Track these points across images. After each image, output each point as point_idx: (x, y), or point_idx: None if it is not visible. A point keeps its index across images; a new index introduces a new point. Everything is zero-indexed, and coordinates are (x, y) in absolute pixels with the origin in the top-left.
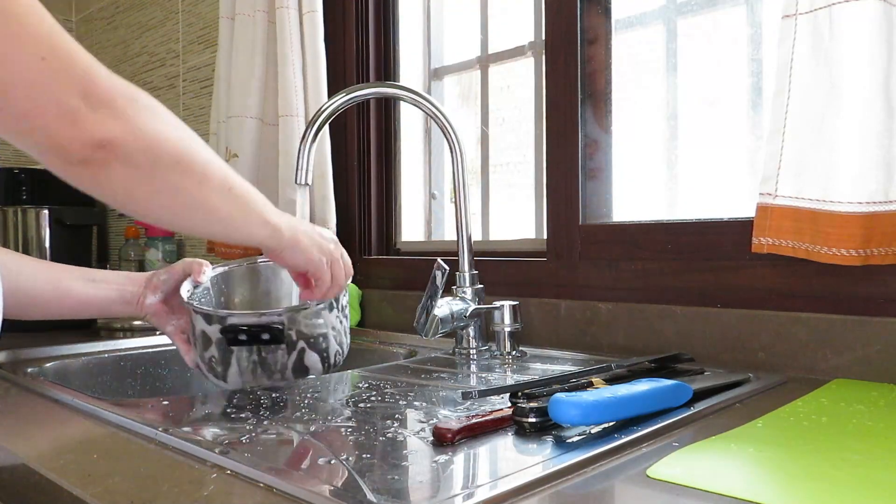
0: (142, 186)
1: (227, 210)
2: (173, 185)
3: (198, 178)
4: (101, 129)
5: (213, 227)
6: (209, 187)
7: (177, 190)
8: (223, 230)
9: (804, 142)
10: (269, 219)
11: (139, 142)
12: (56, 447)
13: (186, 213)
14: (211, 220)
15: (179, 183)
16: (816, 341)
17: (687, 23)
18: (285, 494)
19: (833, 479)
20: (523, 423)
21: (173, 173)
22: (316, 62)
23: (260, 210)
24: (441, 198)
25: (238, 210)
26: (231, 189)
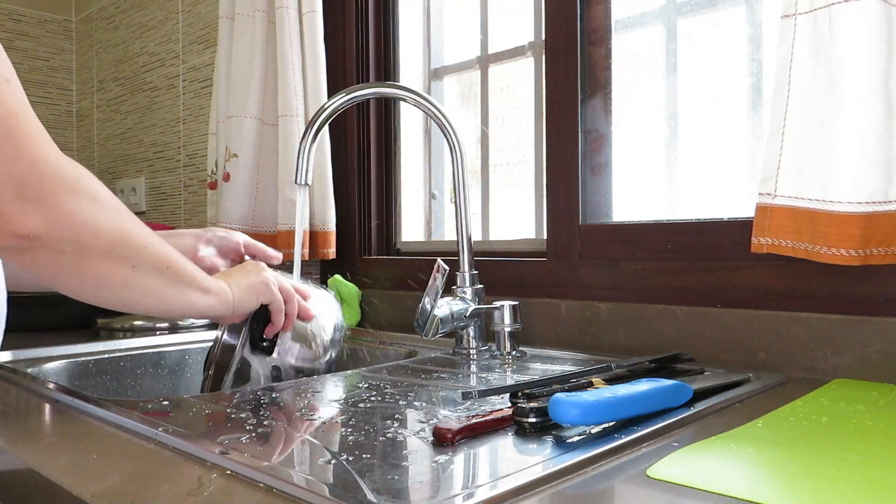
0: (68, 271)
1: (164, 289)
2: (101, 271)
3: (131, 262)
4: (27, 223)
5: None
6: (144, 270)
7: (108, 274)
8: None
9: (804, 142)
10: (208, 286)
11: (66, 233)
12: (56, 447)
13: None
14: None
15: (111, 269)
16: (816, 341)
17: (687, 23)
18: (285, 494)
19: (833, 478)
20: (523, 423)
21: (104, 261)
22: (316, 62)
23: (199, 282)
24: (441, 198)
25: (173, 287)
26: (168, 268)
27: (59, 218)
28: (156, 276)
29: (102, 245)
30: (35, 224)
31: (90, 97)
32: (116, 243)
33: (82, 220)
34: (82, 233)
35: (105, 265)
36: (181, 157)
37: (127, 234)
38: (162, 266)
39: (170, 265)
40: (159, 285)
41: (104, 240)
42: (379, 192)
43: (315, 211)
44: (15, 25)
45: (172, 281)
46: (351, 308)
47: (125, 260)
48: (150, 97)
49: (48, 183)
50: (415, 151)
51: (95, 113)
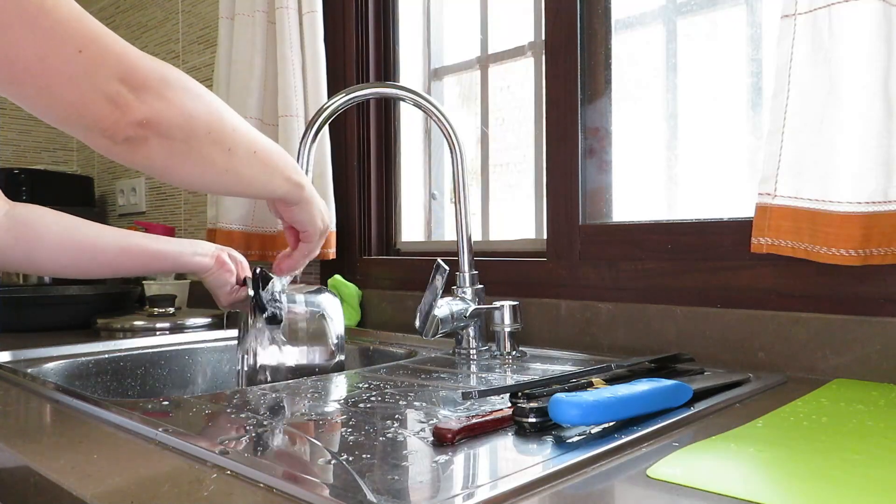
0: (178, 158)
1: (252, 173)
2: (206, 155)
3: (227, 145)
4: (142, 109)
5: (241, 188)
6: (237, 154)
7: (208, 159)
8: (250, 189)
9: (803, 142)
10: (291, 176)
11: (175, 118)
12: (56, 447)
13: (218, 179)
14: (240, 182)
15: (211, 152)
16: (816, 341)
17: (687, 23)
18: (285, 494)
19: (833, 479)
20: (523, 423)
21: (205, 144)
22: (316, 62)
23: (282, 169)
24: (441, 198)
25: (262, 171)
26: (255, 153)
27: (170, 102)
28: (248, 160)
29: (202, 128)
30: (147, 110)
31: None
32: (212, 126)
33: (183, 104)
34: (185, 117)
35: (207, 149)
36: None
37: (218, 117)
38: (250, 150)
39: (257, 150)
40: (251, 170)
41: (203, 123)
42: (379, 192)
43: None
44: None
45: (261, 165)
46: (351, 308)
47: (222, 143)
48: None
49: (144, 74)
50: (415, 151)
51: None
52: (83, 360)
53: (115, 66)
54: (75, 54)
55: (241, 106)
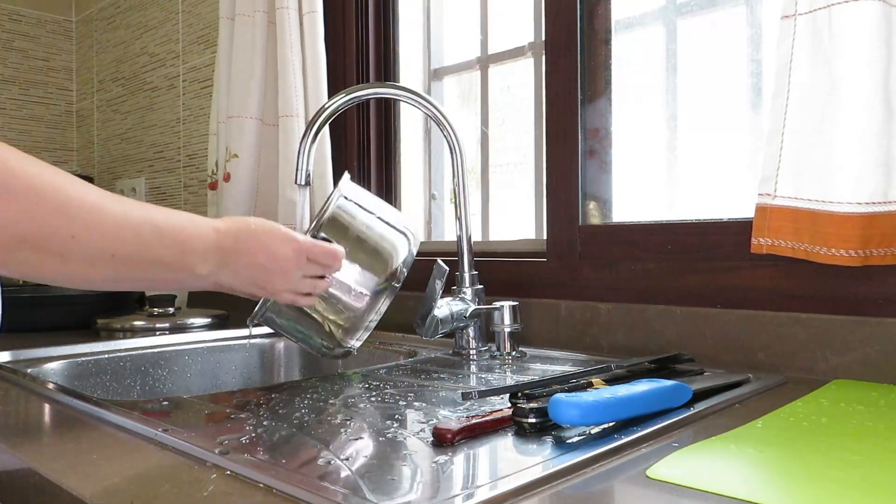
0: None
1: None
2: (29, 263)
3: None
4: None
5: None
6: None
7: (36, 267)
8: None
9: (803, 142)
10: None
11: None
12: (56, 448)
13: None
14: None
15: (37, 261)
16: (816, 342)
17: (687, 23)
18: (285, 495)
19: (833, 479)
20: (523, 423)
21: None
22: (316, 63)
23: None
24: (441, 198)
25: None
26: (114, 256)
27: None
28: (102, 266)
29: (10, 237)
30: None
31: (90, 97)
32: (27, 233)
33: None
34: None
35: (26, 255)
36: (181, 158)
37: (39, 223)
38: (104, 256)
39: (115, 252)
40: (116, 272)
41: (11, 232)
42: (379, 192)
43: (315, 211)
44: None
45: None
46: None
47: (46, 251)
48: (151, 97)
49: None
50: (415, 151)
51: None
52: (83, 360)
53: None
54: None
55: (241, 106)
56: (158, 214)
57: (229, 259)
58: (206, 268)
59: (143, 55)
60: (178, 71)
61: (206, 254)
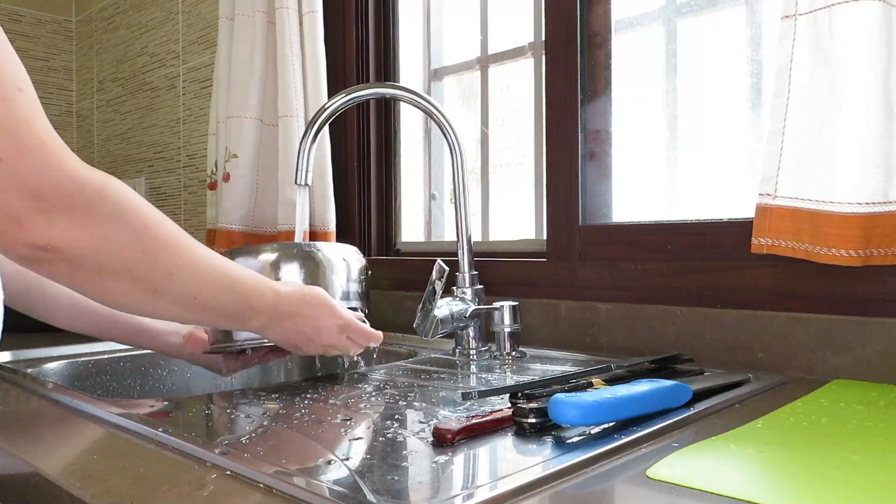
0: (87, 285)
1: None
2: (120, 289)
3: (153, 286)
4: (46, 234)
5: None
6: (165, 297)
7: (126, 294)
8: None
9: (804, 142)
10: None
11: (87, 250)
12: (56, 447)
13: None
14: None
15: (129, 289)
16: (816, 342)
17: (687, 23)
18: (285, 495)
19: (833, 479)
20: (523, 423)
21: (123, 281)
22: (316, 63)
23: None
24: (441, 198)
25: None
26: (196, 299)
27: (76, 233)
28: (183, 306)
29: (120, 264)
30: (51, 236)
31: (90, 97)
32: (135, 263)
33: (100, 237)
34: (100, 252)
35: (124, 285)
36: (181, 158)
37: (150, 257)
38: (188, 297)
39: (197, 296)
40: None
41: (123, 259)
42: (379, 193)
43: (315, 211)
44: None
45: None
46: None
47: (147, 282)
48: (150, 97)
49: (64, 195)
50: (415, 151)
51: (95, 113)
52: (83, 360)
53: (34, 180)
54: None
55: (241, 106)
56: (235, 268)
57: (281, 321)
58: (257, 324)
59: (143, 55)
60: (178, 71)
61: (264, 312)
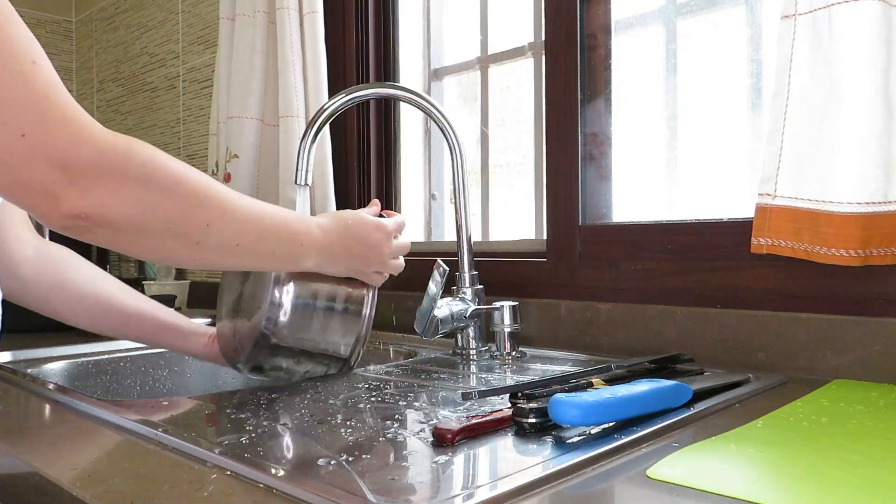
0: (131, 247)
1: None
2: (163, 247)
3: (195, 239)
4: (79, 203)
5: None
6: (208, 248)
7: (170, 250)
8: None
9: (803, 142)
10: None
11: (122, 214)
12: (56, 448)
13: (189, 264)
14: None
15: (171, 245)
16: (816, 342)
17: (687, 23)
18: (285, 495)
19: (833, 479)
20: (523, 423)
21: (162, 238)
22: (316, 63)
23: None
24: (441, 198)
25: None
26: (239, 246)
27: (108, 200)
28: (228, 254)
29: (157, 224)
30: (84, 205)
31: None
32: (173, 222)
33: (134, 199)
34: (134, 215)
35: (166, 242)
36: (181, 158)
37: (184, 212)
38: (231, 245)
39: (240, 243)
40: (239, 261)
41: (159, 219)
42: (379, 193)
43: (316, 211)
44: None
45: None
46: None
47: (186, 237)
48: (150, 98)
49: (91, 164)
50: (415, 151)
51: (95, 113)
52: (83, 360)
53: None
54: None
55: (241, 107)
56: (274, 211)
57: (334, 254)
58: (312, 262)
59: (142, 55)
60: (178, 71)
61: (315, 251)
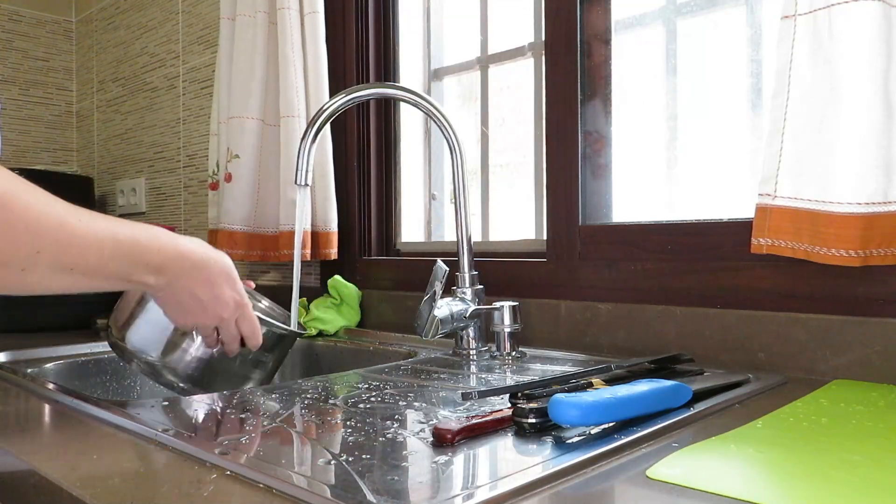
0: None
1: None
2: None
3: (19, 267)
4: None
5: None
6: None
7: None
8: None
9: (803, 142)
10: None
11: None
12: (56, 448)
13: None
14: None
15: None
16: (816, 342)
17: (687, 23)
18: (285, 495)
19: (833, 479)
20: (523, 423)
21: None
22: (317, 63)
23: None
24: (441, 198)
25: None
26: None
27: None
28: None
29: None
30: None
31: (90, 98)
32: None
33: None
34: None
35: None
36: (181, 158)
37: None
38: (62, 270)
39: (74, 267)
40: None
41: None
42: (379, 193)
43: (317, 211)
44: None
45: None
46: (351, 308)
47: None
48: (151, 98)
49: None
50: (415, 151)
51: (95, 113)
52: (83, 360)
53: None
54: None
55: (242, 107)
56: (121, 229)
57: (179, 278)
58: (154, 280)
59: (143, 55)
60: (178, 71)
61: (163, 269)
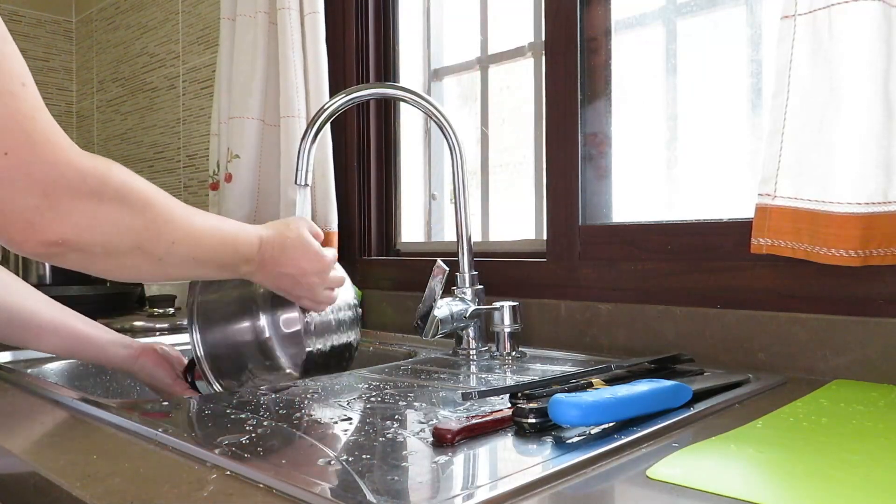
0: (98, 267)
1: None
2: (132, 264)
3: (157, 256)
4: (58, 230)
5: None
6: (168, 262)
7: (135, 267)
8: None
9: (803, 143)
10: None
11: (93, 238)
12: (56, 447)
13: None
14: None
15: (138, 263)
16: (816, 342)
17: (687, 23)
18: (285, 495)
19: (833, 479)
20: (523, 423)
21: (132, 257)
22: (317, 63)
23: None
24: (441, 198)
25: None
26: (195, 259)
27: (86, 223)
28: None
29: (128, 244)
30: (62, 230)
31: (90, 98)
32: (143, 243)
33: (109, 223)
34: (109, 236)
35: (133, 260)
36: (181, 158)
37: (154, 232)
38: (188, 258)
39: (196, 257)
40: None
41: (131, 240)
42: (379, 193)
43: (317, 211)
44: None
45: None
46: None
47: (152, 254)
48: (150, 98)
49: (71, 188)
50: (415, 151)
51: (95, 113)
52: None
53: (41, 175)
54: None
55: (242, 107)
56: (221, 223)
57: (266, 266)
58: (246, 269)
59: (143, 55)
60: (178, 71)
61: (251, 259)
